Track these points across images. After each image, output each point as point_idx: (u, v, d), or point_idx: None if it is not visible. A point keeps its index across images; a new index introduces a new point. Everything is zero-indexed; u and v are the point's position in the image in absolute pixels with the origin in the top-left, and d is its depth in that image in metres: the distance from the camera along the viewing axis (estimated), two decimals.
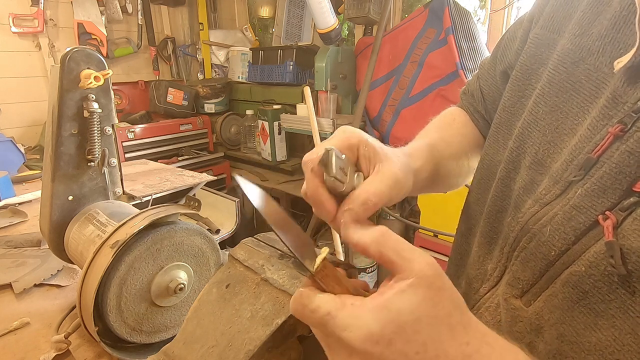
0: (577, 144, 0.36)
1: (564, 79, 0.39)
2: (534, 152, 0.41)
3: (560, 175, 0.37)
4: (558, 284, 0.35)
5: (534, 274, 0.38)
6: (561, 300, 0.34)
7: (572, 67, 0.39)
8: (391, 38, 1.96)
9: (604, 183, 0.32)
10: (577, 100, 0.38)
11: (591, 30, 0.38)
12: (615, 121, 0.33)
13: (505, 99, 0.48)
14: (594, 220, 0.33)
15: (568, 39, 0.40)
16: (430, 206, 1.87)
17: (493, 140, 0.50)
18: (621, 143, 0.32)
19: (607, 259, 0.30)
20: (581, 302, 0.33)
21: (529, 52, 0.45)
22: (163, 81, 2.61)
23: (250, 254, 0.42)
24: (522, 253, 0.39)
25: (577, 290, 0.33)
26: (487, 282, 0.45)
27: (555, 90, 0.40)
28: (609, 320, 0.31)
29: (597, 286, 0.32)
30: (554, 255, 0.35)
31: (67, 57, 0.65)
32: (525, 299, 0.39)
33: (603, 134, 0.34)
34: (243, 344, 0.35)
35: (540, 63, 0.43)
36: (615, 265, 0.30)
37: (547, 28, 0.43)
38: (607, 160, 0.33)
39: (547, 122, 0.40)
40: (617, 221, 0.31)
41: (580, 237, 0.34)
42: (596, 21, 0.37)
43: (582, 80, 0.37)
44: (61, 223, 0.73)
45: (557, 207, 0.36)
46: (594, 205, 0.33)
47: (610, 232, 0.30)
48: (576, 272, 0.33)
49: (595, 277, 0.32)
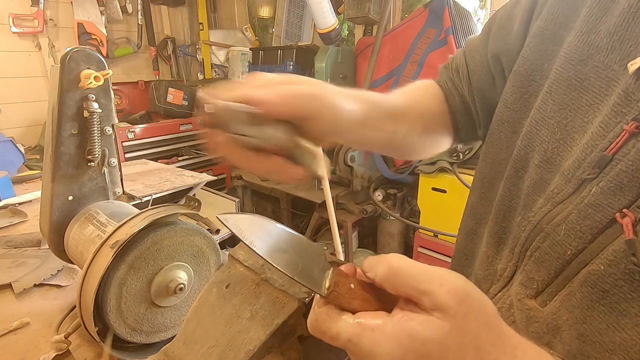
0: (588, 141, 0.35)
1: (572, 77, 0.38)
2: (543, 150, 0.40)
3: (573, 173, 0.36)
4: (575, 283, 0.35)
5: (549, 274, 0.37)
6: (580, 299, 0.34)
7: (580, 65, 0.38)
8: (391, 38, 1.96)
9: (620, 181, 0.32)
10: (587, 98, 0.37)
11: (599, 27, 0.37)
12: (629, 118, 0.32)
13: (508, 95, 0.47)
14: (611, 218, 0.32)
15: (575, 35, 0.39)
16: (430, 206, 1.87)
17: (495, 137, 0.49)
18: (637, 140, 0.32)
19: (627, 257, 0.30)
20: (601, 301, 0.32)
21: (533, 46, 0.44)
22: (163, 81, 2.61)
23: (250, 254, 0.42)
24: (535, 253, 0.38)
25: (596, 289, 0.33)
26: (497, 282, 0.44)
27: (563, 88, 0.39)
28: (632, 319, 0.31)
29: (617, 285, 0.31)
30: (570, 255, 0.35)
31: (67, 57, 0.65)
32: (541, 299, 0.38)
33: (617, 131, 0.33)
34: (243, 344, 0.35)
35: (545, 59, 0.42)
36: (637, 264, 0.29)
37: (552, 22, 0.42)
38: (622, 158, 0.32)
39: (555, 120, 0.40)
40: (635, 219, 0.30)
41: (597, 235, 0.33)
42: (604, 18, 0.37)
43: (591, 77, 0.37)
44: (61, 223, 0.73)
45: (571, 205, 0.36)
46: (611, 203, 0.32)
47: (630, 230, 0.30)
48: (595, 271, 0.33)
49: (616, 275, 0.31)
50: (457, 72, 0.56)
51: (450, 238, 1.75)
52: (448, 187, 1.75)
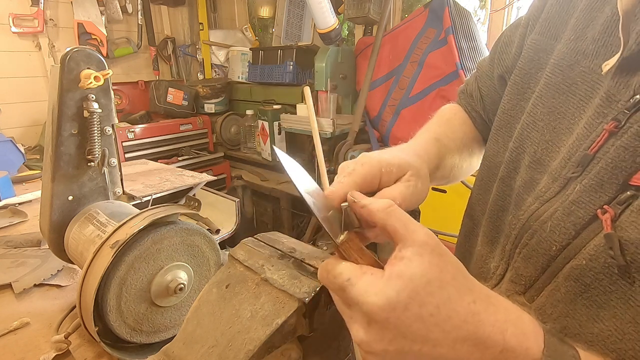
0: (574, 142, 0.37)
1: (560, 81, 0.41)
2: (533, 151, 0.42)
3: (559, 172, 0.38)
4: (560, 278, 0.36)
5: (536, 270, 0.38)
6: (564, 294, 0.35)
7: (568, 70, 0.40)
8: (391, 38, 1.96)
9: (601, 178, 0.33)
10: (574, 101, 0.39)
11: (585, 35, 0.39)
12: (610, 118, 0.34)
13: (505, 102, 0.49)
14: (593, 215, 0.34)
15: (564, 43, 0.41)
16: (430, 206, 1.86)
17: (493, 142, 0.51)
18: (616, 139, 0.33)
19: (606, 251, 0.31)
20: (583, 294, 0.34)
21: (527, 57, 0.47)
22: (163, 81, 2.61)
23: (250, 254, 0.42)
24: (523, 250, 0.40)
25: (578, 284, 0.34)
26: (490, 280, 0.45)
27: (552, 92, 0.41)
28: (610, 310, 0.32)
29: (598, 278, 0.32)
30: (555, 251, 0.36)
31: (67, 57, 0.65)
32: (529, 294, 0.39)
33: (599, 131, 0.35)
34: (243, 344, 0.35)
35: (538, 67, 0.45)
36: (614, 257, 0.30)
37: (544, 34, 0.45)
38: (603, 156, 0.34)
39: (545, 122, 0.42)
40: (615, 214, 0.32)
41: (580, 231, 0.35)
42: (590, 26, 0.39)
43: (578, 82, 0.39)
44: (61, 223, 0.73)
45: (557, 203, 0.37)
46: (593, 200, 0.34)
47: (609, 225, 0.31)
48: (577, 266, 0.34)
49: (596, 269, 0.32)
50: (471, 96, 0.61)
51: (450, 238, 1.75)
52: (448, 188, 1.75)
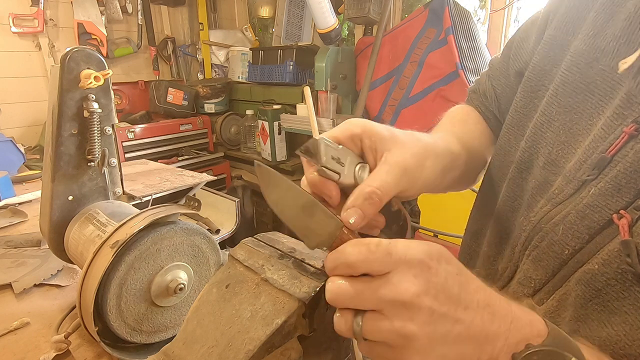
0: (590, 143, 0.36)
1: (577, 80, 0.39)
2: (548, 152, 0.41)
3: (574, 174, 0.36)
4: (572, 283, 0.35)
5: (546, 273, 0.37)
6: (574, 298, 0.34)
7: (586, 68, 0.38)
8: (391, 38, 1.96)
9: (618, 182, 0.32)
10: (592, 101, 0.37)
11: (605, 31, 0.37)
12: (629, 121, 0.33)
13: (518, 100, 0.47)
14: (608, 219, 0.32)
15: (581, 39, 0.39)
16: (430, 206, 1.86)
17: (505, 141, 0.49)
18: (636, 142, 0.32)
19: (621, 257, 0.30)
20: (595, 299, 0.33)
21: (542, 52, 0.44)
22: (163, 81, 2.61)
23: (250, 254, 0.42)
24: (533, 252, 0.39)
25: (590, 288, 0.33)
26: (498, 281, 0.44)
27: (569, 91, 0.39)
28: (621, 316, 0.31)
29: (610, 284, 0.32)
30: (568, 254, 0.35)
31: (67, 57, 0.65)
32: (538, 297, 0.38)
33: (617, 133, 0.33)
34: (243, 344, 0.35)
35: (553, 64, 0.43)
36: (632, 264, 0.29)
37: (561, 29, 0.43)
38: (621, 160, 0.32)
39: (560, 122, 0.40)
40: (632, 220, 0.31)
41: (594, 235, 0.34)
42: (610, 22, 0.37)
43: (597, 81, 0.37)
44: (61, 223, 0.73)
45: (570, 206, 0.36)
46: (608, 204, 0.33)
47: (626, 231, 0.30)
48: (589, 270, 0.33)
49: (609, 274, 0.32)
50: (485, 96, 0.58)
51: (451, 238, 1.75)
52: None
